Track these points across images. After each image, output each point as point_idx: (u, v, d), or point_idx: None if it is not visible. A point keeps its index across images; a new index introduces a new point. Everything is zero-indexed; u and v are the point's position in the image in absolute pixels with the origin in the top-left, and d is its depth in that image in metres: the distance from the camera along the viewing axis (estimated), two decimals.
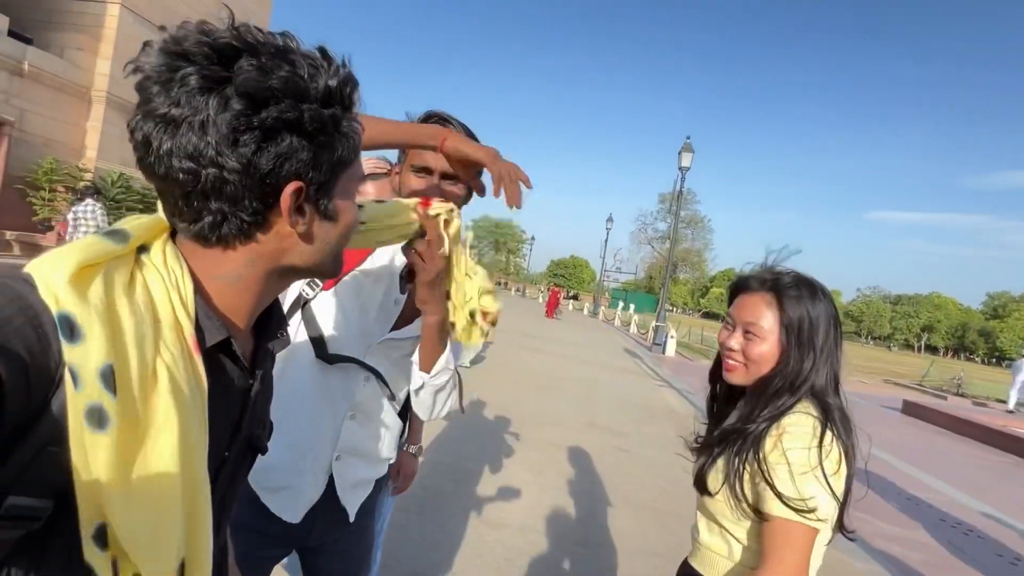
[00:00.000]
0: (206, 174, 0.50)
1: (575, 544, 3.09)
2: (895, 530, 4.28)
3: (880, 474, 5.93)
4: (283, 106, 0.50)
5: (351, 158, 0.59)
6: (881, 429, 9.17)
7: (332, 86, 0.53)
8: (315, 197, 0.56)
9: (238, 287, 0.57)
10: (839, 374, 1.08)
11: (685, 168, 16.51)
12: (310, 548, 1.18)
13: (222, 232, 0.53)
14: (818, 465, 0.96)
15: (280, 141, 0.51)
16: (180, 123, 0.48)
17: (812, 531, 0.95)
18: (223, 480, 0.63)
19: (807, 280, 1.10)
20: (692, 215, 62.30)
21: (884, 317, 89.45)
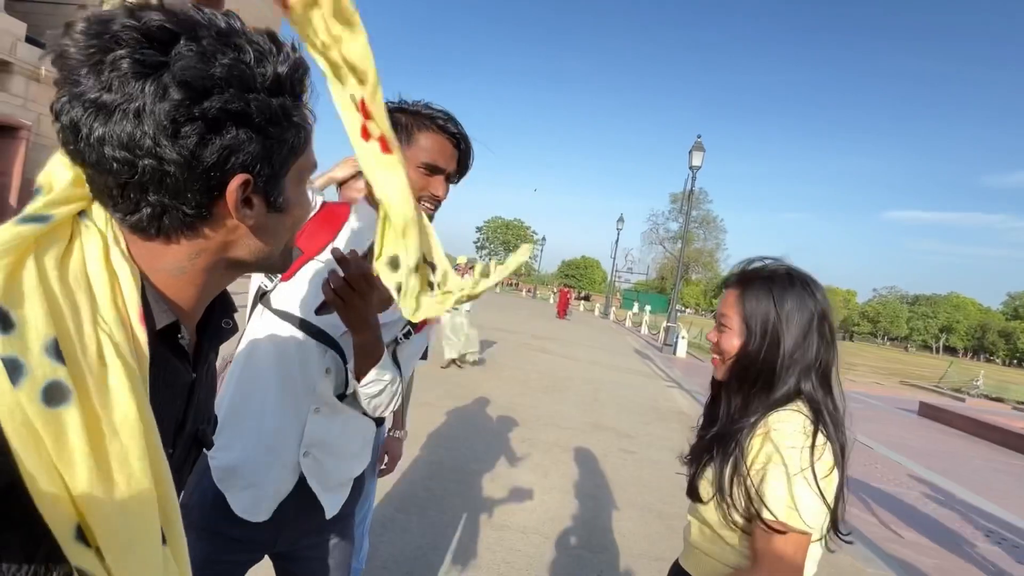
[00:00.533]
0: (143, 165, 0.47)
1: (579, 547, 3.04)
2: (910, 535, 4.17)
3: (895, 477, 5.81)
4: (227, 96, 0.47)
5: (302, 148, 0.56)
6: (897, 431, 8.99)
7: (281, 73, 0.50)
8: (264, 189, 0.54)
9: (180, 280, 0.55)
10: (829, 372, 1.03)
11: (696, 167, 16.39)
12: (283, 554, 1.15)
13: (162, 224, 0.50)
14: (809, 467, 0.91)
15: (225, 133, 0.48)
16: (113, 110, 0.45)
17: (804, 536, 0.91)
18: None
19: (785, 273, 1.05)
20: (704, 215, 61.80)
21: (901, 318, 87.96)
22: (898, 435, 8.69)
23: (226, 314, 0.66)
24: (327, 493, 1.12)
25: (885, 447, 7.42)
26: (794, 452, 0.93)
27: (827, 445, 0.95)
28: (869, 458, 6.59)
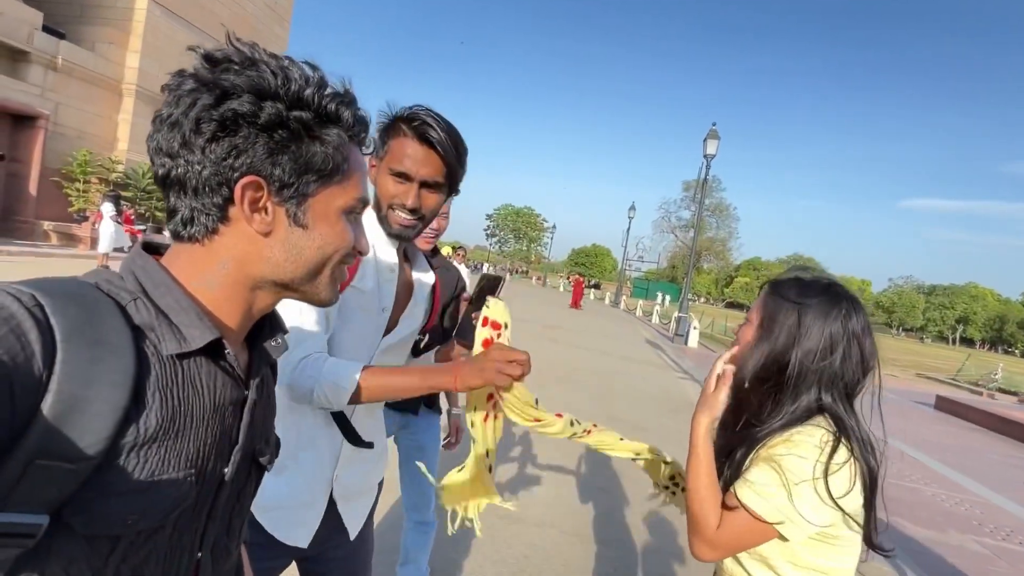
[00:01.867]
0: (176, 167, 0.54)
1: (595, 542, 3.07)
2: (927, 533, 4.15)
3: (911, 474, 5.76)
4: (242, 100, 0.53)
5: (329, 168, 0.58)
6: (913, 426, 8.90)
7: (306, 94, 0.56)
8: (281, 198, 0.57)
9: (218, 294, 0.58)
10: (853, 394, 1.01)
11: (710, 155, 16.13)
12: (308, 556, 1.18)
13: (192, 230, 0.56)
14: (822, 478, 0.90)
15: (236, 133, 0.53)
16: (165, 120, 0.54)
17: (769, 531, 0.92)
18: (227, 498, 0.62)
19: (823, 285, 1.03)
20: (717, 203, 60.97)
21: (917, 308, 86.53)
22: (913, 429, 8.60)
23: (275, 333, 0.67)
24: (353, 508, 1.17)
25: (900, 441, 7.35)
26: (801, 461, 0.91)
27: (848, 464, 0.92)
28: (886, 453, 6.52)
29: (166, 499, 0.52)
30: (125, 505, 0.49)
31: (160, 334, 0.52)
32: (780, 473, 0.92)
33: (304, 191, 0.57)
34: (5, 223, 11.44)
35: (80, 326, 0.45)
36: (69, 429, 0.43)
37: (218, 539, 0.62)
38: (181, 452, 0.53)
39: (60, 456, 0.43)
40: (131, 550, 0.52)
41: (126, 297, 0.52)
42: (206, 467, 0.57)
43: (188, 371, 0.54)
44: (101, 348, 0.46)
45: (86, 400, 0.44)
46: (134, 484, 0.49)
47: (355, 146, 0.62)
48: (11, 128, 11.52)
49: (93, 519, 0.47)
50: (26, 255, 10.23)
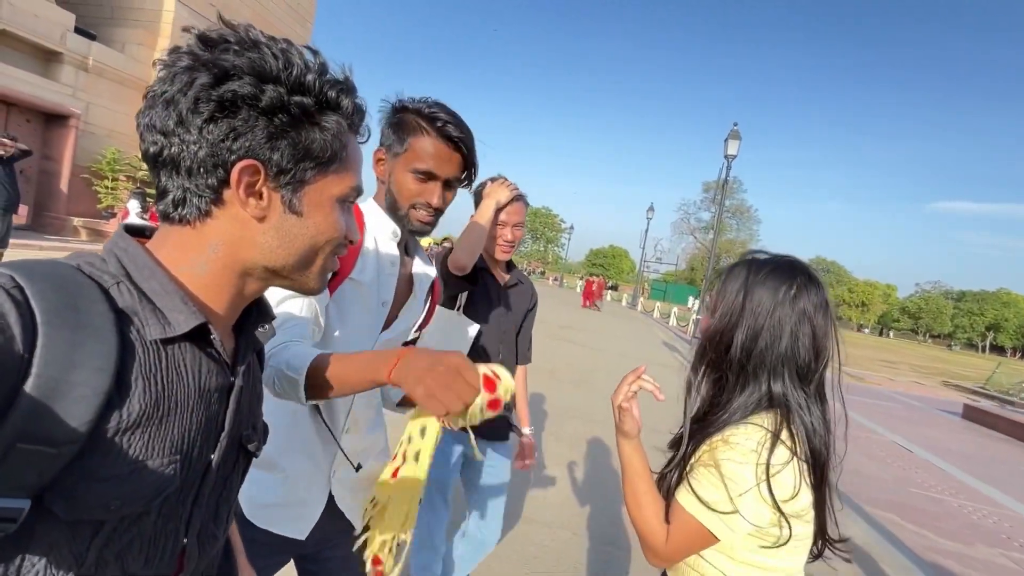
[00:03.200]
0: (170, 146, 0.53)
1: (605, 544, 3.04)
2: (951, 545, 4.02)
3: (937, 484, 5.59)
4: (243, 81, 0.52)
5: (327, 156, 0.58)
6: (939, 435, 8.65)
7: (308, 79, 0.55)
8: (278, 184, 0.56)
9: (206, 279, 0.57)
10: (813, 378, 0.95)
11: (731, 156, 15.91)
12: (307, 556, 1.17)
13: (184, 211, 0.55)
14: (765, 482, 0.86)
15: (236, 115, 0.52)
16: (158, 98, 0.53)
17: (708, 534, 0.90)
18: (215, 484, 0.61)
19: (773, 265, 0.98)
20: (738, 204, 60.03)
21: (945, 314, 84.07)
22: (939, 438, 8.35)
23: (262, 319, 0.67)
24: (353, 501, 1.16)
25: (925, 450, 7.15)
26: (740, 468, 0.87)
27: (792, 465, 0.87)
28: (908, 462, 6.36)
29: (149, 485, 0.51)
30: (108, 490, 0.48)
31: (144, 318, 0.51)
32: (722, 481, 0.88)
33: (301, 178, 0.57)
34: (38, 219, 11.79)
35: (62, 309, 0.44)
36: (51, 413, 0.43)
37: (204, 525, 0.62)
38: (165, 438, 0.52)
39: (42, 440, 0.42)
40: (114, 535, 0.51)
41: (108, 280, 0.51)
42: (191, 453, 0.56)
43: (172, 356, 0.53)
44: (83, 332, 0.45)
45: (68, 384, 0.43)
46: (117, 469, 0.48)
47: (352, 135, 0.61)
48: (44, 127, 11.88)
49: (75, 504, 0.47)
50: (57, 250, 10.55)
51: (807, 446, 0.91)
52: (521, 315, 2.06)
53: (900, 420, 9.46)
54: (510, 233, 1.86)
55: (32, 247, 10.22)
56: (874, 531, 4.01)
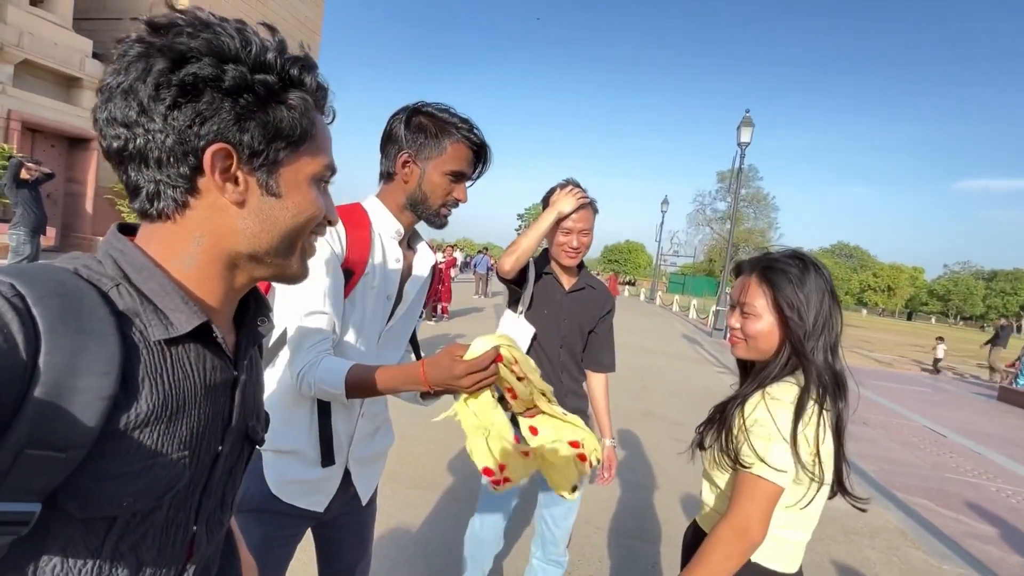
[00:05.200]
0: (134, 138, 0.51)
1: (630, 538, 3.01)
2: (989, 530, 3.90)
3: (973, 468, 5.43)
4: (202, 63, 0.50)
5: (297, 134, 0.57)
6: (973, 418, 8.39)
7: (268, 57, 0.54)
8: (252, 167, 0.55)
9: (198, 274, 0.56)
10: (835, 344, 1.13)
11: (745, 143, 15.66)
12: (325, 523, 1.26)
13: (160, 205, 0.53)
14: (792, 431, 1.03)
15: (199, 98, 0.51)
16: (115, 90, 0.51)
17: (775, 488, 1.03)
18: (221, 474, 0.63)
19: (798, 256, 1.16)
20: (754, 193, 59.04)
21: (976, 295, 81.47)
22: (974, 421, 8.10)
23: (261, 313, 0.67)
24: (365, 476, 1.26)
25: (959, 435, 6.95)
26: (782, 414, 1.04)
27: (817, 413, 1.06)
28: (941, 447, 6.18)
29: (161, 481, 0.52)
30: (120, 488, 0.49)
31: (146, 320, 0.51)
32: (775, 427, 1.03)
33: (275, 158, 0.56)
34: (65, 239, 12.18)
35: (63, 315, 0.44)
36: (57, 419, 0.43)
37: (212, 513, 0.63)
38: (175, 435, 0.53)
39: (50, 446, 0.43)
40: (128, 529, 0.52)
41: (107, 283, 0.51)
42: (200, 447, 0.57)
43: (177, 355, 0.54)
44: (85, 337, 0.45)
45: (73, 390, 0.44)
46: (128, 467, 0.49)
47: (318, 113, 0.60)
48: (68, 151, 12.28)
49: (88, 503, 0.48)
50: None
51: (831, 401, 1.08)
52: (591, 321, 2.01)
53: (931, 404, 9.21)
54: (576, 240, 1.87)
55: None
56: (909, 519, 3.90)
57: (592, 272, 2.13)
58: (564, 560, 2.08)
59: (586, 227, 1.87)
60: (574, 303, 1.96)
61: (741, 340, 1.19)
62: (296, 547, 1.22)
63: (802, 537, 1.11)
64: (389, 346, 1.25)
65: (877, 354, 15.91)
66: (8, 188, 6.38)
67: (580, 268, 2.01)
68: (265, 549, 1.12)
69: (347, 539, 1.30)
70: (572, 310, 1.95)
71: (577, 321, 1.96)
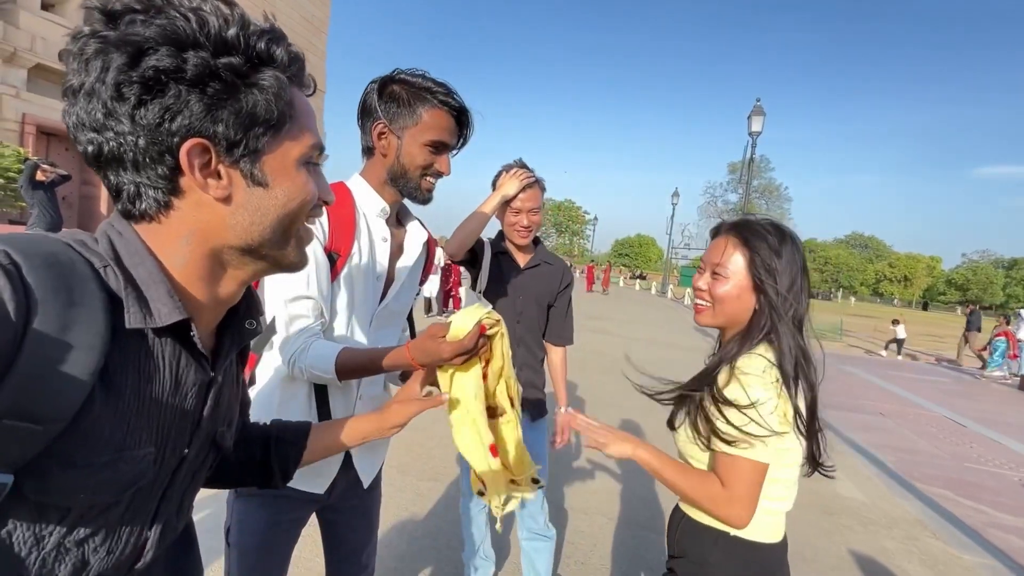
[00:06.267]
0: (106, 141, 0.48)
1: (641, 528, 2.99)
2: (1012, 520, 3.81)
3: (995, 458, 5.32)
4: (160, 54, 0.46)
5: (275, 116, 0.53)
6: (994, 407, 8.23)
7: (229, 35, 0.49)
8: (233, 159, 0.52)
9: (187, 272, 0.54)
10: (802, 322, 1.10)
11: (756, 133, 15.47)
12: (329, 506, 1.25)
13: (143, 206, 0.51)
14: (766, 403, 1.00)
15: (164, 92, 0.47)
16: (78, 92, 0.48)
17: (761, 465, 1.01)
18: (183, 478, 0.61)
19: (777, 226, 1.12)
20: (766, 184, 58.35)
21: (996, 284, 79.80)
22: (995, 411, 7.94)
23: (251, 315, 0.64)
24: (367, 461, 1.24)
25: (980, 424, 6.81)
26: (755, 389, 1.00)
27: (785, 386, 1.02)
28: (962, 437, 6.06)
29: (124, 476, 0.51)
30: (82, 478, 0.47)
31: (127, 304, 0.49)
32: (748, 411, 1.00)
33: (255, 147, 0.52)
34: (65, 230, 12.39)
35: (55, 286, 0.43)
36: (40, 390, 0.42)
37: (168, 518, 0.61)
38: (141, 429, 0.51)
39: (28, 417, 0.42)
40: (80, 523, 0.50)
41: (98, 262, 0.49)
42: (166, 447, 0.55)
43: (152, 347, 0.52)
44: (76, 310, 0.44)
45: (59, 362, 0.42)
46: (93, 457, 0.48)
47: (296, 88, 0.56)
48: None
49: (47, 487, 0.46)
50: None
51: (790, 362, 1.05)
52: (548, 295, 2.08)
53: (950, 394, 9.04)
54: (526, 219, 1.92)
55: None
56: (928, 509, 3.83)
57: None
58: (550, 533, 2.12)
59: (534, 206, 1.92)
60: (530, 279, 2.03)
61: (707, 306, 1.14)
62: (300, 531, 1.21)
63: (782, 507, 1.09)
64: (384, 326, 1.23)
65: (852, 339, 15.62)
66: (24, 190, 6.50)
67: (536, 244, 2.10)
68: (270, 534, 1.11)
69: (351, 522, 1.29)
70: (528, 286, 2.02)
71: (533, 296, 2.03)
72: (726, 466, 1.02)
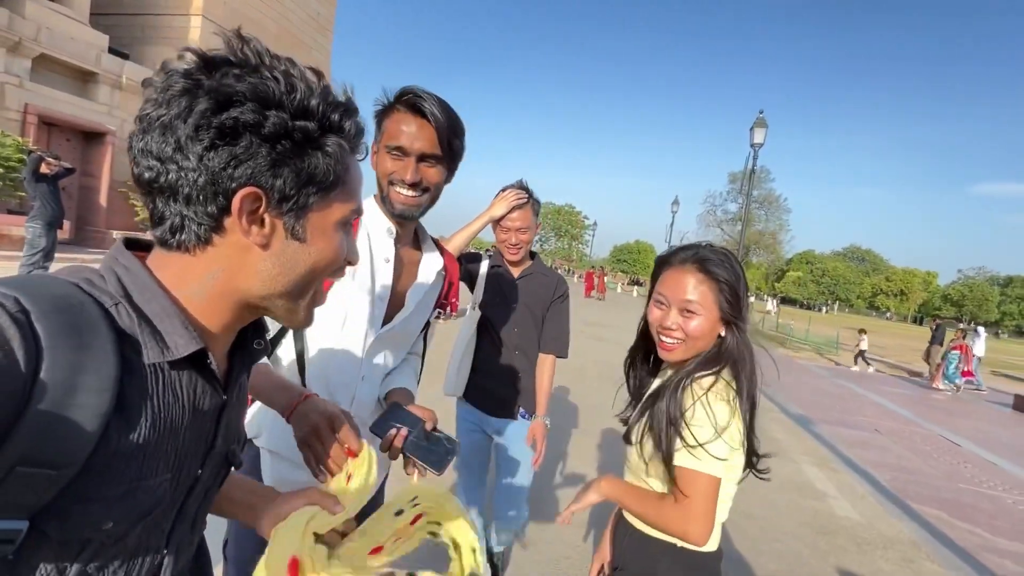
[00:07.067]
0: (167, 172, 0.51)
1: None
2: (1006, 544, 3.81)
3: (989, 479, 5.33)
4: (245, 108, 0.50)
5: (330, 180, 0.56)
6: (989, 427, 8.25)
7: (312, 103, 0.53)
8: (280, 211, 0.54)
9: (205, 305, 0.56)
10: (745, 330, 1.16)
11: (758, 145, 15.48)
12: None
13: (182, 238, 0.53)
14: (729, 424, 1.04)
15: (237, 142, 0.50)
16: (154, 123, 0.50)
17: (716, 480, 1.05)
18: (196, 497, 0.62)
19: (725, 252, 1.15)
20: (766, 194, 58.38)
21: (991, 301, 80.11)
22: (989, 431, 7.96)
23: (258, 335, 0.67)
24: None
25: (975, 444, 6.82)
26: (720, 408, 1.05)
27: (738, 402, 1.07)
28: (957, 456, 6.07)
29: (141, 505, 0.52)
30: (102, 511, 0.48)
31: (143, 341, 0.51)
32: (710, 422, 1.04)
33: (304, 203, 0.55)
34: (80, 232, 12.31)
35: (65, 331, 0.44)
36: (52, 436, 0.42)
37: (183, 536, 0.62)
38: (159, 459, 0.52)
39: (42, 463, 0.42)
40: (99, 552, 0.51)
41: (108, 301, 0.50)
42: (181, 471, 0.56)
43: (169, 379, 0.53)
44: (86, 354, 0.45)
45: (70, 407, 0.43)
46: (112, 490, 0.48)
47: (352, 155, 0.60)
48: (83, 144, 12.39)
49: (68, 524, 0.47)
50: (98, 261, 10.99)
51: (747, 383, 1.10)
52: (542, 305, 2.18)
53: (945, 412, 9.06)
54: (514, 237, 2.07)
55: (76, 260, 10.67)
56: (922, 530, 3.83)
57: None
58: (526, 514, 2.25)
59: (523, 225, 2.05)
60: (523, 289, 2.16)
61: (679, 343, 1.12)
62: None
63: (722, 518, 1.15)
64: (390, 348, 1.20)
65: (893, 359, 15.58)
66: (28, 182, 6.47)
67: (533, 257, 2.22)
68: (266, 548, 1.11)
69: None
70: (521, 296, 2.15)
71: (527, 305, 2.15)
72: (687, 482, 1.05)
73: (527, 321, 2.15)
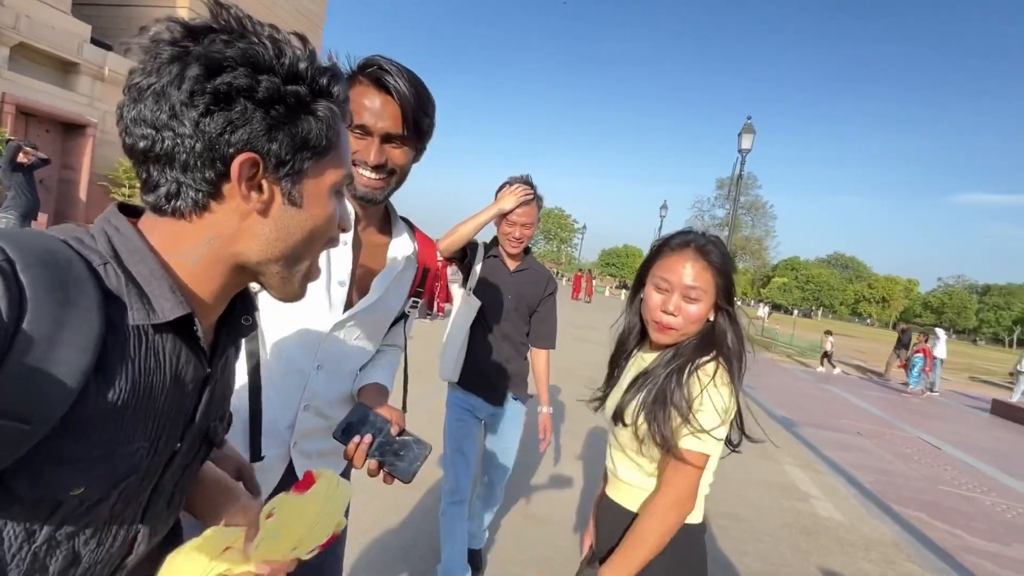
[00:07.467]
0: (162, 140, 0.50)
1: None
2: (985, 545, 3.85)
3: (967, 482, 5.40)
4: (237, 73, 0.50)
5: (323, 145, 0.57)
6: (968, 431, 8.39)
7: (300, 67, 0.54)
8: (277, 176, 0.55)
9: (198, 270, 0.55)
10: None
11: (745, 151, 15.64)
12: None
13: (177, 204, 0.53)
14: (726, 408, 1.09)
15: (232, 107, 0.50)
16: (146, 91, 0.50)
17: (706, 457, 1.09)
18: (174, 471, 0.61)
19: (718, 239, 1.18)
20: (753, 201, 59.22)
21: (969, 309, 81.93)
22: (968, 434, 8.09)
23: (246, 311, 0.66)
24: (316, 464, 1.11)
25: (954, 447, 6.92)
26: (719, 395, 1.08)
27: (732, 385, 1.11)
28: (937, 459, 6.15)
29: (116, 471, 0.51)
30: (74, 473, 0.48)
31: (129, 302, 0.50)
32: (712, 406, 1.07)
33: (300, 168, 0.56)
34: (58, 225, 12.06)
35: (50, 285, 0.43)
36: (30, 389, 0.42)
37: (159, 512, 0.61)
38: (137, 425, 0.52)
39: (17, 416, 0.41)
40: (71, 517, 0.51)
41: (97, 260, 0.50)
42: (158, 442, 0.56)
43: (153, 343, 0.52)
44: (70, 310, 0.44)
45: (50, 362, 0.42)
46: (86, 453, 0.48)
47: (342, 121, 0.60)
48: (63, 136, 12.11)
49: (39, 484, 0.46)
50: None
51: (738, 365, 1.15)
52: (534, 299, 2.29)
53: (926, 416, 9.20)
54: (518, 232, 2.15)
55: None
56: (904, 531, 3.86)
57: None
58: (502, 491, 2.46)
59: (528, 221, 2.14)
60: (517, 282, 2.25)
61: (676, 327, 1.14)
62: None
63: (705, 491, 1.19)
64: (350, 338, 1.10)
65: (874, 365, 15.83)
66: (3, 171, 6.30)
67: (527, 252, 2.31)
68: None
69: None
70: (515, 288, 2.24)
71: (519, 297, 2.25)
72: (680, 459, 1.08)
73: (518, 313, 2.25)
